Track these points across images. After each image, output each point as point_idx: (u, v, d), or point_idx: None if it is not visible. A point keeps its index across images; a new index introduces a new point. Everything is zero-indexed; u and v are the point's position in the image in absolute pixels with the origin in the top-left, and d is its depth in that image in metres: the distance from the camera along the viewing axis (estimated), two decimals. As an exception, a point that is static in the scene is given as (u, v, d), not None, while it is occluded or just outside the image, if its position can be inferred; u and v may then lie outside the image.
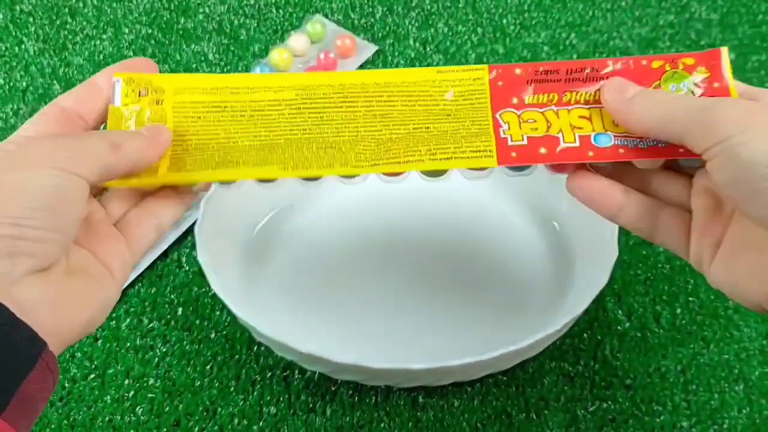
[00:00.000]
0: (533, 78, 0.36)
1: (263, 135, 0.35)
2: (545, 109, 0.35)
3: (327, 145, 0.35)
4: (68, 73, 0.64)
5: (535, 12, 0.69)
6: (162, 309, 0.50)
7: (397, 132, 0.35)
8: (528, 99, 0.35)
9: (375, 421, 0.45)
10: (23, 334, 0.27)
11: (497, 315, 0.48)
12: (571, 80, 0.35)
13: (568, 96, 0.35)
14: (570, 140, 0.34)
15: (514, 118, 0.35)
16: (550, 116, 0.35)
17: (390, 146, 0.35)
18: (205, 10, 0.69)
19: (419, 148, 0.35)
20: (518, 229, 0.52)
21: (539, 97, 0.35)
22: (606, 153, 0.34)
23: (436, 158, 0.34)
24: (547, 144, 0.34)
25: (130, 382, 0.46)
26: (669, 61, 0.35)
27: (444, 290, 0.49)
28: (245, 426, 0.45)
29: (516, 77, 0.36)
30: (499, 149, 0.34)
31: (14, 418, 0.26)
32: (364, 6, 0.70)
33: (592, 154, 0.34)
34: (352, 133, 0.35)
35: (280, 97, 0.36)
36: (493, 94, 0.36)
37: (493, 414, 0.45)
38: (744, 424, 0.44)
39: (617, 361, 0.47)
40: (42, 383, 0.28)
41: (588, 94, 0.35)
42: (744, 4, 0.69)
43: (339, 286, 0.50)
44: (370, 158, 0.35)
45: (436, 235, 0.52)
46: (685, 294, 0.50)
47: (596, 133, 0.34)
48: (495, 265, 0.50)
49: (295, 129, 0.35)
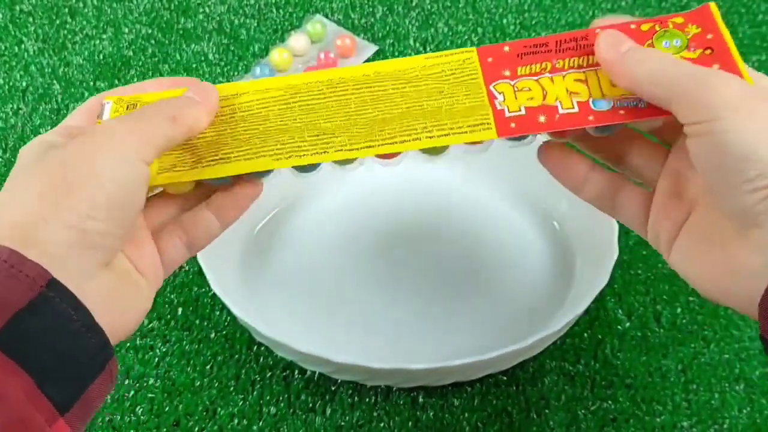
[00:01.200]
0: (523, 52, 0.35)
1: (253, 129, 0.35)
2: (539, 77, 0.34)
3: (320, 132, 0.34)
4: (68, 73, 0.64)
5: (535, 12, 0.69)
6: (162, 309, 0.50)
7: (390, 113, 0.34)
8: (520, 70, 0.35)
9: (375, 420, 0.45)
10: (96, 339, 0.27)
11: (497, 315, 0.48)
12: (562, 50, 0.35)
13: (561, 63, 0.34)
14: (568, 106, 0.33)
15: (508, 88, 0.34)
16: (545, 83, 0.34)
17: (384, 126, 0.34)
18: (205, 10, 0.69)
19: (415, 127, 0.34)
20: (518, 229, 0.52)
21: (531, 67, 0.34)
22: (606, 116, 0.33)
23: (433, 135, 0.34)
24: (545, 112, 0.33)
25: (130, 382, 0.46)
26: (658, 22, 0.34)
27: (444, 290, 0.49)
28: (245, 426, 0.45)
29: (505, 54, 0.35)
30: (497, 120, 0.33)
31: (73, 420, 0.26)
32: (364, 6, 0.70)
33: (593, 118, 0.33)
34: (343, 118, 0.35)
35: (267, 96, 0.36)
36: (484, 68, 0.35)
37: (494, 413, 0.45)
38: (744, 423, 0.44)
39: (618, 361, 0.47)
40: (104, 387, 0.27)
41: (581, 59, 0.34)
42: (744, 4, 0.69)
43: (339, 286, 0.50)
44: (365, 140, 0.34)
45: (436, 236, 0.52)
46: (685, 294, 0.50)
47: (594, 98, 0.33)
48: (495, 265, 0.50)
49: (286, 120, 0.35)
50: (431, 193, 0.54)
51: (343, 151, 0.34)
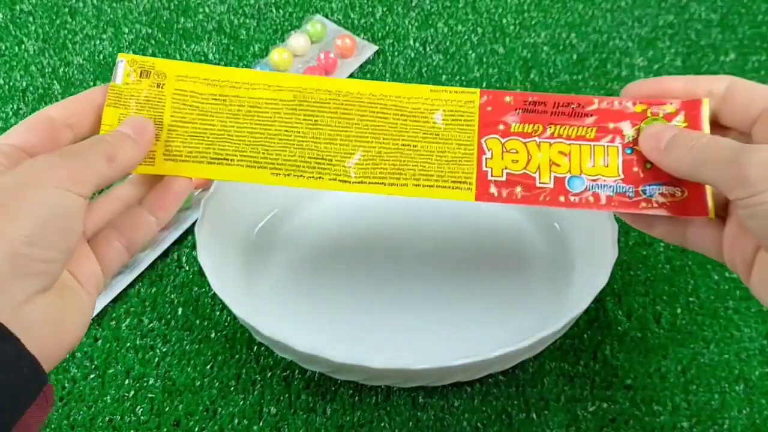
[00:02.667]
0: (521, 107, 0.37)
1: (258, 132, 0.36)
2: (528, 140, 0.37)
3: (319, 155, 0.36)
4: (68, 73, 0.64)
5: (535, 12, 0.69)
6: (162, 309, 0.50)
7: (386, 146, 0.37)
8: (514, 127, 0.37)
9: (375, 420, 0.45)
10: (27, 367, 0.27)
11: (497, 315, 0.48)
12: (557, 113, 0.37)
13: (552, 129, 0.37)
14: (545, 180, 0.36)
15: (498, 146, 0.37)
16: (532, 148, 0.36)
17: (378, 162, 0.36)
18: (205, 9, 0.69)
19: (404, 171, 0.36)
20: (518, 228, 0.52)
21: (525, 127, 0.37)
22: (576, 203, 0.36)
23: (419, 184, 0.36)
24: (524, 182, 0.36)
25: (130, 382, 0.46)
26: (651, 106, 0.36)
27: (444, 290, 0.49)
28: (245, 426, 0.45)
29: (505, 104, 0.37)
30: (479, 182, 0.36)
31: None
32: (364, 6, 0.70)
33: (563, 199, 0.36)
34: (344, 142, 0.36)
35: (277, 96, 0.37)
36: (481, 118, 0.37)
37: (494, 414, 0.45)
38: (744, 424, 0.44)
39: (617, 362, 0.47)
40: (39, 414, 0.28)
41: (571, 129, 0.37)
42: (744, 4, 0.69)
43: (339, 286, 0.50)
44: (359, 174, 0.36)
45: (436, 235, 0.52)
46: (685, 294, 0.50)
47: (571, 175, 0.36)
48: (495, 265, 0.50)
49: (290, 130, 0.36)
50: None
51: (337, 181, 0.36)
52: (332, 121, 0.37)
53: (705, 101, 0.35)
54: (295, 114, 0.37)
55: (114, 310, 0.50)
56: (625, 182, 0.36)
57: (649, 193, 0.35)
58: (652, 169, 0.36)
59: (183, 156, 0.36)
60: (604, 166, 0.36)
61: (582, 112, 0.37)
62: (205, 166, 0.36)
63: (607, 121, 0.37)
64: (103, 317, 0.49)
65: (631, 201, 0.35)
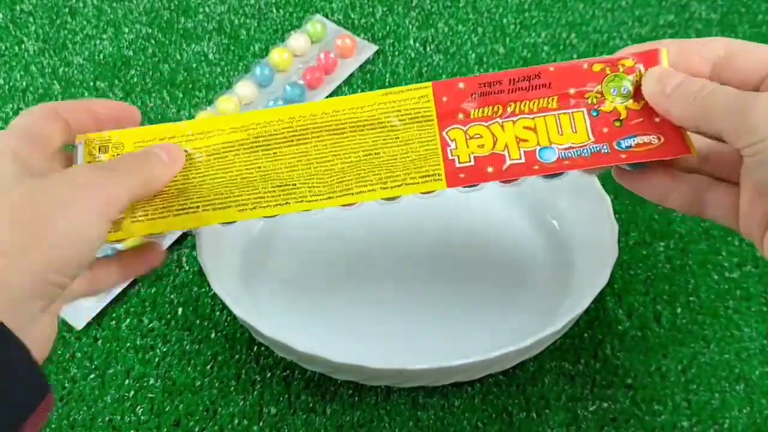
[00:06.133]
0: (477, 90, 0.36)
1: (219, 177, 0.37)
2: (491, 122, 0.36)
3: (282, 183, 0.36)
4: (68, 73, 0.64)
5: (536, 11, 0.69)
6: (162, 309, 0.50)
7: (348, 160, 0.36)
8: (474, 113, 0.36)
9: (375, 420, 0.45)
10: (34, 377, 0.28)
11: (497, 315, 0.48)
12: (515, 90, 0.36)
13: (513, 106, 0.36)
14: (516, 156, 0.35)
15: (460, 135, 0.36)
16: (496, 130, 0.36)
17: (342, 177, 0.36)
18: (205, 9, 0.69)
19: (370, 178, 0.36)
20: (518, 228, 0.52)
21: (484, 110, 0.36)
22: (551, 167, 0.35)
23: (387, 186, 0.36)
24: (493, 162, 0.35)
25: (130, 382, 0.46)
26: (609, 65, 0.36)
27: (444, 290, 0.49)
28: (245, 426, 0.45)
29: (460, 92, 0.36)
30: (447, 172, 0.36)
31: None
32: (364, 6, 0.69)
33: (538, 167, 0.35)
34: (305, 167, 0.36)
35: (233, 138, 0.37)
36: (438, 111, 0.36)
37: (494, 413, 0.45)
38: (744, 423, 0.44)
39: (618, 361, 0.47)
40: (40, 420, 0.28)
41: (532, 103, 0.36)
42: (744, 4, 0.69)
43: (339, 286, 0.50)
44: (325, 191, 0.36)
45: (436, 235, 0.52)
46: (685, 294, 0.50)
47: (541, 147, 0.35)
48: (495, 264, 0.50)
49: (251, 167, 0.37)
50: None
51: (304, 202, 0.36)
52: (289, 150, 0.37)
53: (663, 51, 0.35)
54: (253, 151, 0.37)
55: (114, 310, 0.50)
56: (597, 143, 0.35)
57: (626, 146, 0.35)
58: (622, 126, 0.35)
59: (149, 215, 0.36)
60: (573, 133, 0.35)
61: (539, 83, 0.36)
62: (170, 220, 0.36)
63: (566, 87, 0.36)
64: (103, 317, 0.49)
65: (609, 155, 0.35)
